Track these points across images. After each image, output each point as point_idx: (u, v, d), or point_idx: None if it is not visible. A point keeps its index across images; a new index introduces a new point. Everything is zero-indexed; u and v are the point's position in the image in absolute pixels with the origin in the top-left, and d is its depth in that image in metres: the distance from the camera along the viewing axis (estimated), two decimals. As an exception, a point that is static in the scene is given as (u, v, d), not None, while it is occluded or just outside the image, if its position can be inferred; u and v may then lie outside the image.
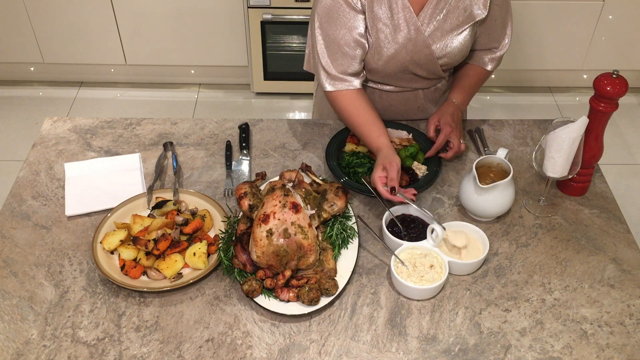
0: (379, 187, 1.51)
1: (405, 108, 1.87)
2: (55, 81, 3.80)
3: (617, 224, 1.59)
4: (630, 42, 3.48)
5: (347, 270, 1.43)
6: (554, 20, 3.36)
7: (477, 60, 1.82)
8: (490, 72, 1.83)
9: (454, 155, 1.72)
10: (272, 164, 1.76)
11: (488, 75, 1.84)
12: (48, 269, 1.46)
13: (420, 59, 1.70)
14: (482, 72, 1.83)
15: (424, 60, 1.70)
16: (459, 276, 1.45)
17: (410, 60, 1.70)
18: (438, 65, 1.73)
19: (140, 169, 1.72)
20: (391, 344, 1.32)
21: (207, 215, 1.55)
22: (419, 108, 1.88)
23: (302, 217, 1.42)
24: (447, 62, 1.74)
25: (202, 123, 1.90)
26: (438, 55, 1.70)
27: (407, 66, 1.72)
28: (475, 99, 3.68)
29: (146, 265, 1.44)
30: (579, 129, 1.46)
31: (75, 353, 1.29)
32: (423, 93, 1.85)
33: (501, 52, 1.80)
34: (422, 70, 1.74)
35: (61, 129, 1.87)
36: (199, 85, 3.82)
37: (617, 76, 1.48)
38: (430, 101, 1.88)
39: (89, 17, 3.41)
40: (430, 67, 1.74)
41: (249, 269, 1.41)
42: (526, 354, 1.30)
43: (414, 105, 1.87)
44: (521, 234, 1.56)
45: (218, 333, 1.33)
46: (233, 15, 3.39)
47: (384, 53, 1.68)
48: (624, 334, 1.34)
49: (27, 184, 1.68)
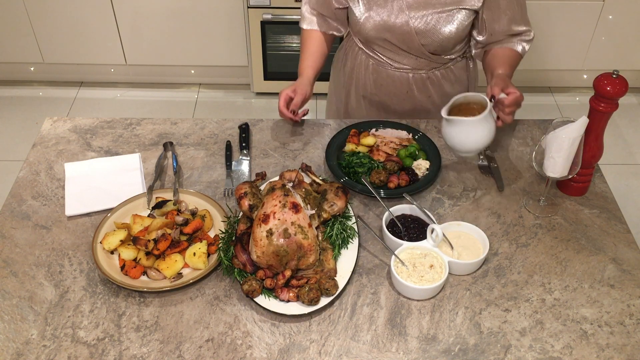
0: (281, 101, 1.73)
1: (395, 90, 1.90)
2: (55, 81, 3.80)
3: (617, 224, 1.59)
4: (630, 42, 3.49)
5: (347, 270, 1.43)
6: (554, 20, 3.37)
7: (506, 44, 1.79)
8: (521, 54, 1.79)
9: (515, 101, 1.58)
10: (272, 164, 1.76)
11: (520, 57, 1.80)
12: (48, 269, 1.46)
13: (396, 26, 1.73)
14: (514, 52, 1.78)
15: (399, 30, 1.73)
16: (459, 276, 1.45)
17: (384, 26, 1.74)
18: (417, 41, 1.75)
19: (140, 169, 1.72)
20: (391, 344, 1.32)
21: (207, 215, 1.55)
22: (407, 93, 1.90)
23: (302, 217, 1.42)
24: (431, 43, 1.75)
25: (202, 123, 1.90)
26: (416, 28, 1.71)
27: (383, 33, 1.76)
28: (475, 99, 3.71)
29: (146, 265, 1.44)
30: (579, 129, 1.46)
31: (75, 353, 1.29)
32: (412, 77, 1.87)
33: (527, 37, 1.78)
34: (400, 42, 1.77)
35: (61, 129, 1.87)
36: (199, 85, 3.82)
37: (617, 76, 1.48)
38: (420, 89, 1.89)
39: (89, 17, 3.41)
40: (407, 41, 1.76)
41: (249, 269, 1.41)
42: (526, 354, 1.30)
43: (403, 88, 1.89)
44: (521, 234, 1.56)
45: (218, 333, 1.33)
46: (233, 15, 3.39)
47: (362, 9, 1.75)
48: (624, 334, 1.34)
49: (27, 184, 1.68)
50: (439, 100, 1.91)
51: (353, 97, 2.01)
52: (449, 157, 1.78)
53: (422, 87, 1.89)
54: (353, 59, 1.94)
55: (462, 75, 1.92)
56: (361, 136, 1.79)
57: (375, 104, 1.97)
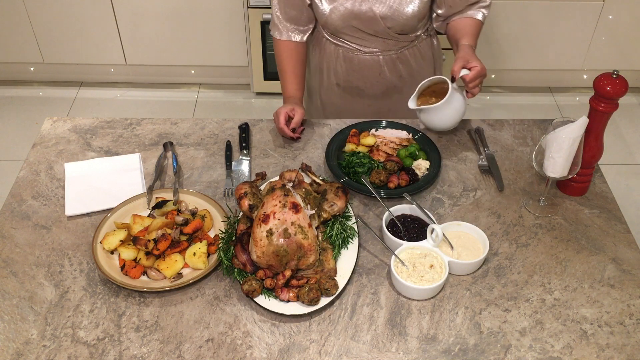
0: (281, 118, 1.79)
1: (367, 74, 1.96)
2: (55, 81, 3.80)
3: (617, 224, 1.59)
4: (630, 42, 3.49)
5: (347, 270, 1.43)
6: (554, 20, 3.37)
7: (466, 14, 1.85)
8: (482, 21, 1.85)
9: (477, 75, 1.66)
10: (272, 164, 1.76)
11: (481, 25, 1.86)
12: (48, 269, 1.46)
13: (361, 13, 1.78)
14: (475, 21, 1.85)
15: (364, 16, 1.79)
16: (459, 276, 1.45)
17: (350, 14, 1.79)
18: (383, 24, 1.81)
19: (140, 169, 1.72)
20: (391, 344, 1.32)
21: (207, 215, 1.55)
22: (380, 75, 1.95)
23: (302, 217, 1.42)
24: (396, 24, 1.81)
25: (202, 123, 1.90)
26: (381, 13, 1.77)
27: (350, 21, 1.81)
28: (475, 99, 3.72)
29: (146, 265, 1.44)
30: (579, 129, 1.46)
31: (75, 353, 1.29)
32: (383, 59, 1.92)
33: (484, 3, 1.84)
34: (367, 28, 1.83)
35: (61, 129, 1.87)
36: (199, 85, 3.82)
37: (617, 76, 1.48)
38: (391, 70, 1.94)
39: (89, 17, 3.41)
40: (374, 25, 1.82)
41: (249, 269, 1.41)
42: (526, 354, 1.30)
43: (375, 71, 1.95)
44: (521, 234, 1.56)
45: (218, 333, 1.33)
46: (233, 15, 3.39)
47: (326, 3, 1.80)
48: (624, 334, 1.34)
49: (27, 184, 1.68)
50: (409, 78, 1.99)
51: (326, 87, 2.06)
52: (449, 157, 1.78)
53: (393, 67, 1.95)
54: (322, 51, 1.98)
55: (427, 52, 1.99)
56: (361, 136, 1.79)
57: (349, 90, 2.02)
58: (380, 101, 2.02)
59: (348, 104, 2.05)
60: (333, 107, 2.08)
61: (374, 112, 2.04)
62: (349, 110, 2.05)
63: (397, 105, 2.02)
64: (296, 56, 1.94)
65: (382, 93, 2.01)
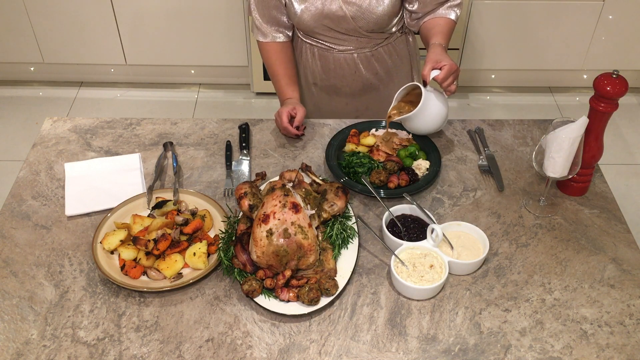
0: (284, 117, 1.79)
1: (343, 72, 1.96)
2: (55, 81, 3.80)
3: (617, 224, 1.59)
4: (630, 42, 3.49)
5: (347, 270, 1.43)
6: (554, 20, 3.37)
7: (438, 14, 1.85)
8: (454, 21, 1.85)
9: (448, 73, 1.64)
10: (272, 164, 1.76)
11: (453, 24, 1.86)
12: (48, 269, 1.46)
13: (331, 12, 1.79)
14: (448, 20, 1.84)
15: (334, 15, 1.80)
16: (459, 276, 1.45)
17: (321, 14, 1.80)
18: (354, 24, 1.81)
19: (140, 169, 1.72)
20: (391, 344, 1.32)
21: (207, 215, 1.55)
22: (356, 73, 1.96)
23: (302, 217, 1.42)
24: (367, 23, 1.81)
25: (202, 123, 1.90)
26: (350, 12, 1.78)
27: (322, 21, 1.82)
28: (475, 99, 3.72)
29: (146, 265, 1.44)
30: (579, 129, 1.46)
31: (75, 353, 1.29)
32: (358, 57, 1.92)
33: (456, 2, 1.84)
34: (338, 27, 1.84)
35: (61, 129, 1.87)
36: (199, 85, 3.82)
37: (617, 76, 1.48)
38: (366, 67, 1.95)
39: (89, 17, 3.41)
40: (345, 24, 1.82)
41: (249, 269, 1.41)
42: (526, 354, 1.30)
43: (350, 69, 1.95)
44: (521, 234, 1.56)
45: (218, 333, 1.33)
46: (233, 15, 3.39)
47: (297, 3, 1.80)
48: (624, 334, 1.34)
49: (27, 184, 1.68)
50: (386, 76, 1.99)
51: (303, 87, 2.07)
52: (449, 157, 1.78)
53: (368, 64, 1.95)
54: (297, 51, 1.99)
55: (403, 49, 1.99)
56: (361, 136, 1.79)
57: (326, 88, 2.03)
58: (358, 99, 2.03)
59: (326, 102, 2.06)
60: (311, 106, 2.09)
61: (352, 110, 2.05)
62: (327, 109, 2.06)
63: (375, 103, 2.03)
64: (284, 57, 1.94)
65: (360, 91, 2.01)
